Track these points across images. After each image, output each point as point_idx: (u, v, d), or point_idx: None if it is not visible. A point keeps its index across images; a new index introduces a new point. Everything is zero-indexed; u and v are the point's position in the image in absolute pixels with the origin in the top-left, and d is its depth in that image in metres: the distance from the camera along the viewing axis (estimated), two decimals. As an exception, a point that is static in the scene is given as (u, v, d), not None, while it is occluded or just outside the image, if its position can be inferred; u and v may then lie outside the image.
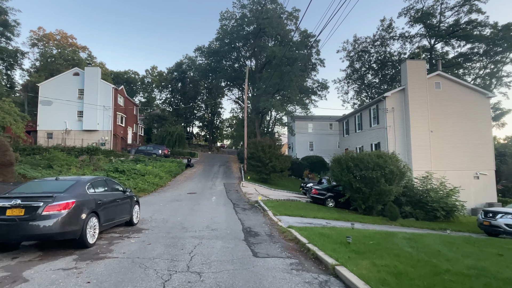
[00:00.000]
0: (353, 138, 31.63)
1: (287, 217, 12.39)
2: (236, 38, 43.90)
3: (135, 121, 48.13)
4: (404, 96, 24.86)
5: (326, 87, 40.61)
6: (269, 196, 19.46)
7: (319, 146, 43.15)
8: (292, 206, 15.46)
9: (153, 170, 24.95)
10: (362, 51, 42.81)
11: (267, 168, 26.14)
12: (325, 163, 36.04)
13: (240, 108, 67.09)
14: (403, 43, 41.77)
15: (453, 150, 24.37)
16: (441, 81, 25.27)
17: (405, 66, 24.89)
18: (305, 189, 23.02)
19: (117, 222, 8.48)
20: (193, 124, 72.47)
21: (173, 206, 14.31)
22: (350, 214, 15.52)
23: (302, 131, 41.81)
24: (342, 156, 16.56)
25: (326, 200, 17.61)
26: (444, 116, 24.70)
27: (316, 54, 39.74)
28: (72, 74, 39.17)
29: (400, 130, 24.62)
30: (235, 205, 15.34)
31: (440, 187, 16.51)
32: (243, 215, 12.26)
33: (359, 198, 15.49)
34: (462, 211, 16.08)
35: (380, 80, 43.07)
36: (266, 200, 16.82)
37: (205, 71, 51.37)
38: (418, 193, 16.32)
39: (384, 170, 14.89)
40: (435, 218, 15.63)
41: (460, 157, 24.34)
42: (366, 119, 28.58)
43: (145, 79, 76.05)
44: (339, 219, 13.15)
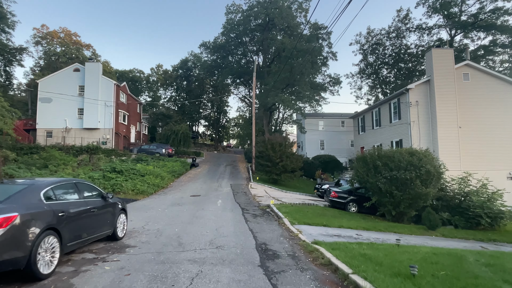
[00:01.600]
0: (370, 135, 29.33)
1: (308, 226, 10.30)
2: (242, 32, 41.84)
3: (138, 120, 46.42)
4: (430, 88, 22.53)
5: (338, 82, 38.31)
6: (281, 199, 17.37)
7: (331, 145, 40.89)
8: (310, 212, 13.36)
9: (154, 170, 23.04)
10: (377, 44, 40.42)
11: (278, 168, 24.03)
12: (338, 163, 33.81)
13: (247, 106, 65.12)
14: (421, 35, 39.29)
15: (483, 148, 21.97)
16: (470, 72, 22.87)
17: (430, 56, 22.56)
18: (320, 191, 20.86)
19: (93, 238, 6.47)
20: (198, 123, 70.69)
21: (172, 212, 12.30)
22: (378, 221, 13.35)
23: (313, 129, 39.57)
24: (368, 154, 14.38)
25: (347, 205, 15.44)
26: (473, 111, 22.31)
27: (328, 47, 37.48)
28: (73, 70, 37.56)
29: (425, 125, 22.31)
30: (244, 210, 13.29)
31: (481, 190, 14.24)
32: (254, 224, 10.19)
33: (389, 202, 13.31)
34: (509, 218, 13.74)
35: (396, 74, 40.61)
36: (279, 204, 14.74)
37: (210, 67, 49.46)
38: (456, 197, 14.06)
39: (420, 170, 12.69)
40: (476, 226, 13.39)
41: (491, 155, 21.92)
42: (386, 114, 26.28)
43: (150, 78, 74.53)
44: (370, 229, 11.00)
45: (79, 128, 36.22)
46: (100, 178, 19.14)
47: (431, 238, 10.75)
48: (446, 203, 13.89)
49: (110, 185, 18.14)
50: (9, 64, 39.38)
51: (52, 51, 53.63)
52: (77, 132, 36.13)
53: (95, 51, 60.88)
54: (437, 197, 13.86)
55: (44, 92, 35.64)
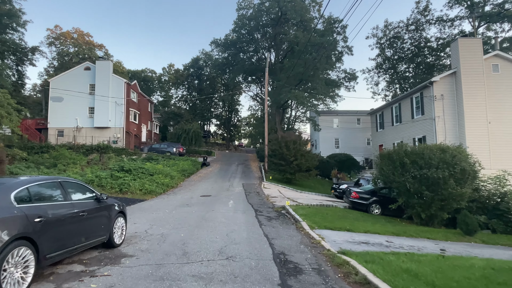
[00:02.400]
0: (389, 132, 27.82)
1: (330, 231, 9.16)
2: (254, 28, 40.79)
3: (149, 118, 45.98)
4: (456, 80, 20.96)
5: (354, 77, 36.78)
6: (297, 200, 16.23)
7: (346, 143, 39.35)
8: (330, 214, 12.19)
9: (164, 169, 22.24)
10: (394, 37, 38.66)
11: (292, 167, 22.87)
12: (355, 162, 32.36)
13: (258, 105, 64.10)
14: (442, 27, 37.34)
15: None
16: (500, 63, 21.19)
17: (456, 46, 20.98)
18: (338, 191, 19.61)
19: (83, 246, 5.54)
20: (210, 122, 70.02)
21: (180, 214, 11.35)
22: (406, 225, 12.08)
23: (327, 126, 38.14)
24: (394, 150, 13.09)
25: (370, 206, 14.18)
26: (503, 104, 20.63)
27: (343, 41, 36.00)
28: (83, 69, 37.30)
29: (451, 121, 20.76)
30: (258, 212, 12.23)
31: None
32: (269, 229, 9.12)
33: (418, 204, 12.01)
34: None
35: (415, 69, 38.77)
36: (295, 206, 13.62)
37: (221, 65, 48.64)
38: (493, 198, 12.62)
39: (454, 169, 11.35)
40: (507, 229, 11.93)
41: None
42: (407, 109, 24.75)
43: (162, 77, 74.28)
44: (399, 234, 9.77)
45: (90, 127, 35.91)
46: (107, 177, 18.43)
47: (471, 245, 9.44)
48: (481, 204, 12.47)
49: (117, 185, 17.40)
50: (21, 64, 39.36)
51: (65, 52, 53.83)
52: (88, 131, 35.83)
53: (107, 51, 60.95)
54: (471, 198, 12.46)
55: (55, 91, 35.45)
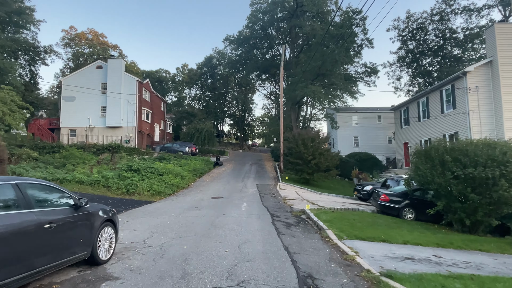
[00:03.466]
0: (416, 128, 25.82)
1: (362, 242, 7.66)
2: (268, 23, 39.35)
3: (162, 118, 45.25)
4: (492, 70, 18.92)
5: (375, 71, 34.71)
6: (317, 202, 14.71)
7: (366, 142, 37.40)
8: (357, 220, 10.64)
9: (174, 169, 21.11)
10: (418, 28, 36.40)
11: (310, 167, 21.31)
12: (377, 161, 30.47)
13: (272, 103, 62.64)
14: (468, 17, 34.85)
15: None
16: (543, 50, 18.99)
17: (492, 32, 18.95)
18: (361, 192, 17.95)
19: (54, 267, 4.26)
20: (223, 121, 69.00)
21: (187, 219, 10.06)
22: (448, 233, 10.39)
23: (345, 124, 36.30)
24: (433, 146, 11.38)
25: (402, 211, 12.51)
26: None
27: (362, 33, 34.03)
28: (95, 68, 36.83)
29: (487, 115, 18.74)
30: (274, 216, 10.81)
31: None
32: (289, 239, 7.68)
33: (461, 209, 10.28)
34: None
35: (440, 62, 36.39)
36: (317, 210, 12.12)
37: (235, 63, 47.46)
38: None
39: (506, 167, 9.60)
40: None
41: None
42: (436, 103, 22.76)
43: (176, 77, 73.79)
44: (445, 246, 8.15)
45: (102, 127, 35.37)
46: (115, 177, 17.41)
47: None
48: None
49: (124, 185, 16.33)
50: (33, 63, 39.28)
51: (80, 52, 53.95)
52: (100, 130, 35.30)
53: (121, 51, 60.85)
54: None
55: (67, 90, 35.06)
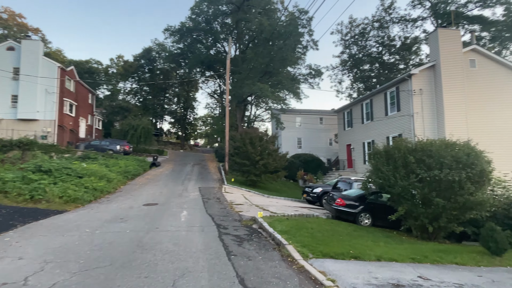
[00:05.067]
0: (359, 131, 25.96)
1: (332, 261, 6.16)
2: (213, 15, 37.14)
3: (90, 112, 40.01)
4: (435, 74, 19.44)
5: (320, 73, 34.73)
6: (268, 208, 13.12)
7: (309, 143, 37.46)
8: (316, 230, 9.24)
9: (99, 170, 17.82)
10: (359, 34, 37.52)
11: (258, 168, 19.75)
12: (321, 162, 30.28)
13: (217, 102, 60.40)
14: (405, 26, 36.93)
15: (492, 144, 19.09)
16: (477, 58, 20.10)
17: (435, 36, 19.48)
18: (311, 195, 16.89)
19: None
20: (163, 119, 64.53)
21: (105, 237, 7.59)
22: (412, 241, 9.52)
23: (289, 126, 35.80)
24: (395, 146, 10.50)
25: (358, 216, 11.51)
26: (480, 102, 19.49)
27: (308, 34, 33.83)
28: (6, 49, 30.78)
29: (430, 117, 19.18)
30: (221, 228, 8.87)
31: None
32: (244, 263, 5.83)
33: (425, 214, 9.50)
34: None
35: (379, 69, 37.97)
36: (270, 217, 10.47)
37: (176, 56, 44.18)
38: (503, 206, 10.52)
39: (472, 169, 9.03)
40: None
41: (500, 154, 19.16)
42: (380, 106, 22.95)
43: (109, 69, 66.97)
44: (420, 260, 7.06)
45: (13, 119, 29.69)
46: (16, 180, 13.71)
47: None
48: (491, 213, 10.34)
49: (28, 190, 12.84)
50: None
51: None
52: (9, 123, 29.56)
53: (44, 36, 53.24)
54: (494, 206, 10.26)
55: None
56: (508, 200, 10.46)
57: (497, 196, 10.23)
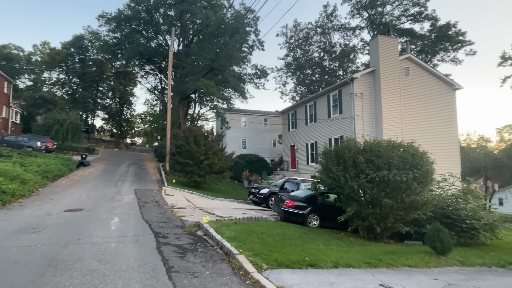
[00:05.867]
0: (303, 132, 26.29)
1: (288, 272, 5.53)
2: (154, 5, 34.73)
3: (5, 103, 34.56)
4: (374, 79, 20.35)
5: (265, 74, 34.60)
6: (213, 211, 12.14)
7: (253, 144, 37.23)
8: (267, 234, 8.60)
9: (11, 169, 15.00)
10: (303, 38, 38.39)
11: (202, 168, 18.58)
12: (265, 163, 30.11)
13: (157, 99, 57.22)
14: (345, 34, 38.78)
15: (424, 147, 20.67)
16: (411, 67, 21.55)
17: (376, 43, 20.42)
18: (257, 196, 16.31)
19: None
20: (95, 114, 58.96)
21: (6, 253, 5.93)
22: (362, 243, 9.38)
23: (234, 125, 35.11)
24: (345, 146, 10.32)
25: (307, 217, 11.18)
26: (413, 108, 20.92)
27: (254, 34, 33.51)
28: None
29: (369, 120, 20.01)
30: (160, 237, 7.70)
31: (459, 195, 11.69)
32: (189, 282, 4.85)
33: (373, 215, 9.45)
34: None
35: (320, 73, 39.27)
36: (216, 222, 9.54)
37: (112, 46, 40.41)
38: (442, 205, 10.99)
39: (418, 170, 9.20)
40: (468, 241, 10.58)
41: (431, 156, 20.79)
42: (323, 108, 23.43)
43: (32, 57, 59.05)
44: (376, 264, 6.82)
45: None
46: None
47: (465, 273, 7.14)
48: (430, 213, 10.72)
49: None
50: None
51: None
52: None
53: None
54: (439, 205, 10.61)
55: None
56: (445, 200, 10.97)
57: (436, 196, 10.63)
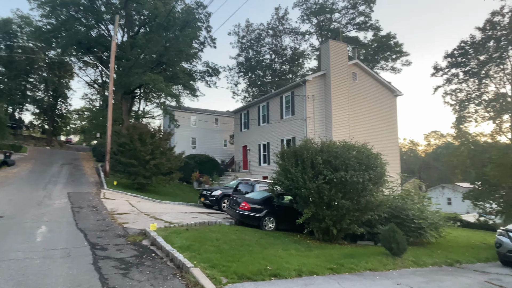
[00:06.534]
0: (255, 132, 25.99)
1: (252, 285, 4.95)
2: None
3: None
4: (325, 82, 20.77)
5: (217, 72, 33.60)
6: (161, 216, 11.07)
7: (203, 144, 36.06)
8: (222, 241, 7.93)
9: None
10: (255, 39, 38.27)
11: (148, 169, 17.15)
12: (216, 163, 29.25)
13: (97, 93, 52.87)
14: (295, 38, 39.57)
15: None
16: (358, 72, 22.46)
17: (327, 47, 20.86)
18: (209, 198, 15.48)
19: None
20: (23, 108, 52.49)
21: None
22: (320, 247, 9.14)
23: (184, 124, 33.63)
24: (303, 147, 10.02)
25: (263, 220, 10.71)
26: (360, 112, 21.79)
27: (206, 30, 32.35)
28: None
29: (320, 122, 20.37)
30: (98, 249, 6.60)
31: (406, 195, 12.21)
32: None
33: (330, 216, 9.30)
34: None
35: (272, 75, 39.50)
36: (165, 229, 8.59)
37: (45, 33, 36.07)
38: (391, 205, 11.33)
39: (373, 171, 9.25)
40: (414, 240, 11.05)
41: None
42: (276, 109, 23.36)
43: None
44: (339, 270, 6.56)
45: None
46: None
47: (420, 273, 7.21)
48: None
49: None
50: None
51: None
52: None
53: None
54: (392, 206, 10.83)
55: None
56: (395, 200, 11.31)
57: (390, 197, 10.89)
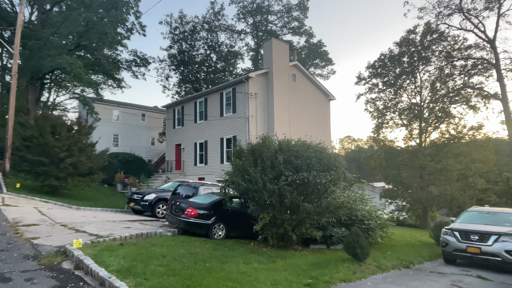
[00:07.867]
0: (191, 130, 24.24)
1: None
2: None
3: None
4: (267, 81, 20.32)
5: (146, 62, 30.56)
6: (84, 227, 8.94)
7: (127, 141, 32.65)
8: (171, 258, 6.51)
9: None
10: (189, 32, 36.18)
11: (63, 168, 14.22)
12: (144, 163, 26.61)
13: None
14: (231, 35, 38.71)
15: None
16: (297, 74, 22.57)
17: (269, 45, 20.43)
18: (141, 203, 13.46)
19: None
20: None
21: None
22: (281, 255, 8.25)
23: (104, 118, 29.80)
24: (263, 145, 9.01)
25: (212, 228, 9.44)
26: (298, 113, 21.91)
27: (134, 16, 29.18)
28: None
29: (262, 121, 19.85)
30: (-4, 283, 4.63)
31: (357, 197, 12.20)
32: None
33: (289, 221, 8.53)
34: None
35: (206, 71, 37.82)
36: (93, 246, 6.74)
37: None
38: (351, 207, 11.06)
39: (335, 172, 8.77)
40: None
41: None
42: (215, 106, 22.05)
43: None
44: (314, 285, 5.77)
45: None
46: None
47: (390, 280, 6.85)
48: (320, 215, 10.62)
49: None
50: None
51: None
52: None
53: None
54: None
55: None
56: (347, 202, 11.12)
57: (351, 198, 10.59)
